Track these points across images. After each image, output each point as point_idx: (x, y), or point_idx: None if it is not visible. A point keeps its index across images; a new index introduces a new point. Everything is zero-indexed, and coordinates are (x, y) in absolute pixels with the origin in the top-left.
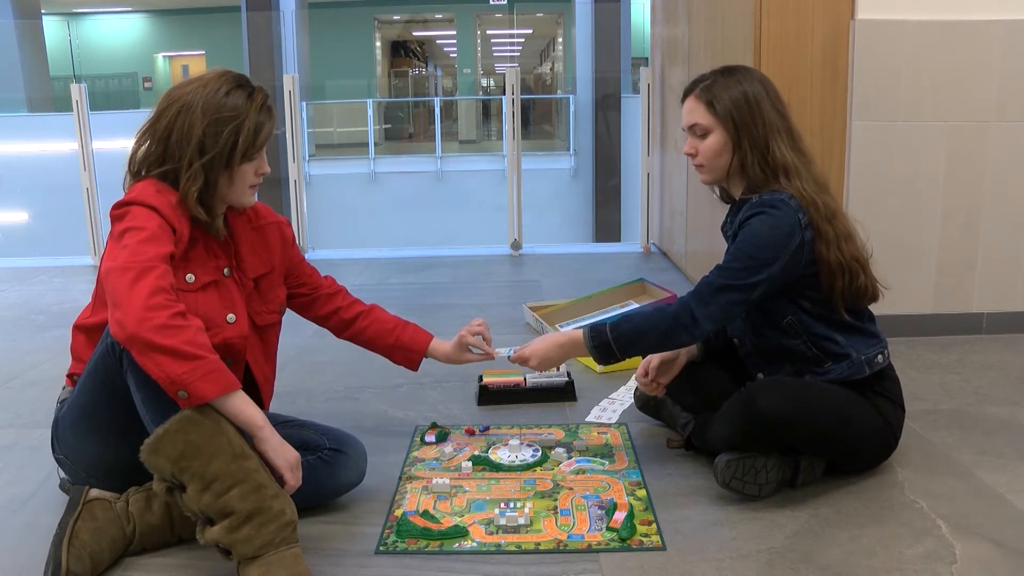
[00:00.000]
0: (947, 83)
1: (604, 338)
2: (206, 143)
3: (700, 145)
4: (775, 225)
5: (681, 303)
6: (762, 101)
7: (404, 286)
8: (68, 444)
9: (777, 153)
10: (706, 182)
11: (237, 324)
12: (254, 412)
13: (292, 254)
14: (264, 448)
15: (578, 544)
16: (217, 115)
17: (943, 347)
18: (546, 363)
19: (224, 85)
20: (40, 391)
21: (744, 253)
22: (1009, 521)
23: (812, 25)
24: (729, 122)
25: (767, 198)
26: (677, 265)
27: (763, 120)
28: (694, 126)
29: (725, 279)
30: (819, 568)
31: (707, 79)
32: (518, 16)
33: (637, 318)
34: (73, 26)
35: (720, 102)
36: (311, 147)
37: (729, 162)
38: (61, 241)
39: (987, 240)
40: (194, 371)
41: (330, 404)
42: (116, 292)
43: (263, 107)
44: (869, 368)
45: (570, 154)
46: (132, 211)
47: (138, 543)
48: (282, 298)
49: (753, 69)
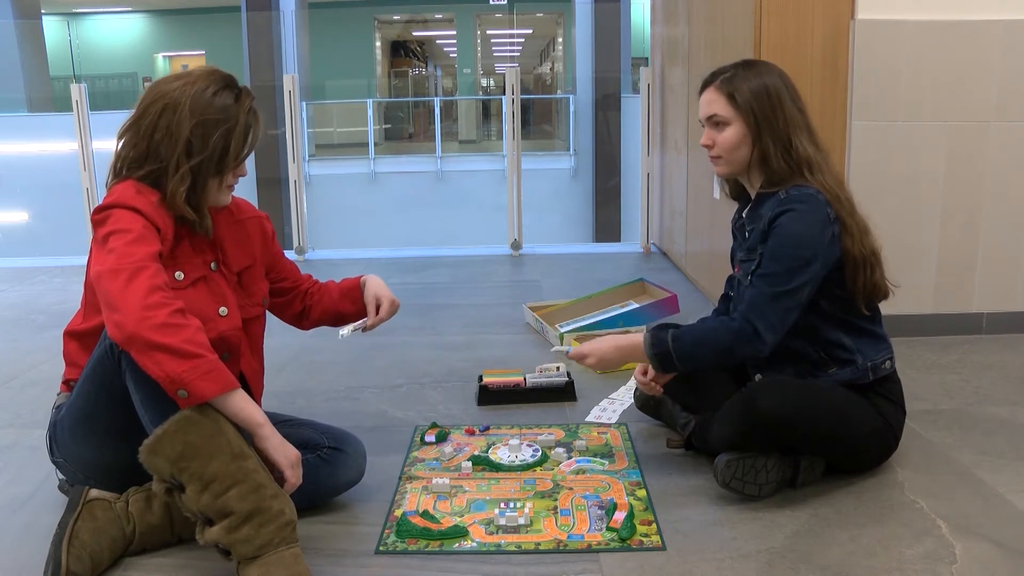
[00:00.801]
0: (947, 83)
1: (665, 347)
2: (194, 145)
3: (717, 137)
4: (809, 222)
5: (742, 318)
6: (783, 95)
7: (404, 286)
8: (67, 447)
9: (800, 148)
10: (722, 175)
11: (230, 316)
12: (254, 410)
13: (273, 249)
14: (264, 446)
15: (578, 544)
16: (204, 116)
17: (943, 347)
18: (604, 363)
19: (212, 85)
20: (40, 391)
21: (784, 255)
22: (1009, 521)
23: (812, 25)
24: (749, 115)
25: (795, 193)
26: (677, 265)
27: (784, 114)
28: (713, 117)
29: (773, 287)
30: (819, 568)
31: (728, 71)
32: (518, 16)
33: (699, 330)
34: (73, 26)
35: (741, 94)
36: (311, 147)
37: (749, 155)
38: (61, 241)
39: (987, 240)
40: (194, 370)
41: (330, 404)
42: (110, 295)
43: (251, 110)
44: (873, 375)
45: (570, 154)
46: (114, 214)
47: (138, 543)
48: (264, 291)
49: (773, 64)
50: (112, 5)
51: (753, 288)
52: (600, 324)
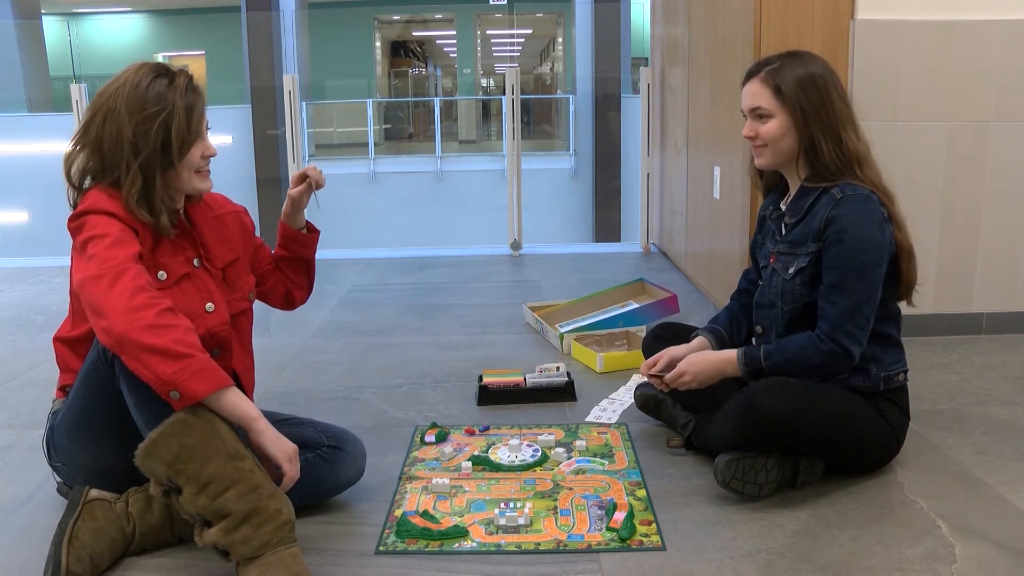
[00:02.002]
0: (947, 83)
1: (758, 365)
2: (139, 143)
3: (760, 128)
4: (871, 225)
5: (829, 339)
6: (830, 88)
7: (404, 286)
8: (64, 451)
9: (849, 143)
10: (763, 165)
11: (217, 312)
12: (247, 406)
13: (254, 241)
14: (260, 440)
15: (578, 544)
16: (143, 112)
17: (943, 347)
18: (702, 380)
19: (143, 78)
20: (40, 391)
21: (853, 264)
22: (1009, 521)
23: (812, 25)
24: (796, 107)
25: (851, 193)
26: (677, 265)
27: (832, 107)
28: (756, 109)
29: (851, 299)
30: (819, 568)
31: (773, 62)
32: (518, 16)
33: (790, 349)
34: (73, 26)
35: (787, 86)
36: (311, 147)
37: (794, 146)
38: (61, 241)
39: (987, 240)
40: (184, 370)
41: (330, 404)
42: (95, 301)
43: (188, 88)
44: (884, 385)
45: (570, 154)
46: (89, 220)
47: (138, 543)
48: (251, 285)
49: (817, 55)
50: (112, 5)
51: (831, 305)
52: (600, 324)
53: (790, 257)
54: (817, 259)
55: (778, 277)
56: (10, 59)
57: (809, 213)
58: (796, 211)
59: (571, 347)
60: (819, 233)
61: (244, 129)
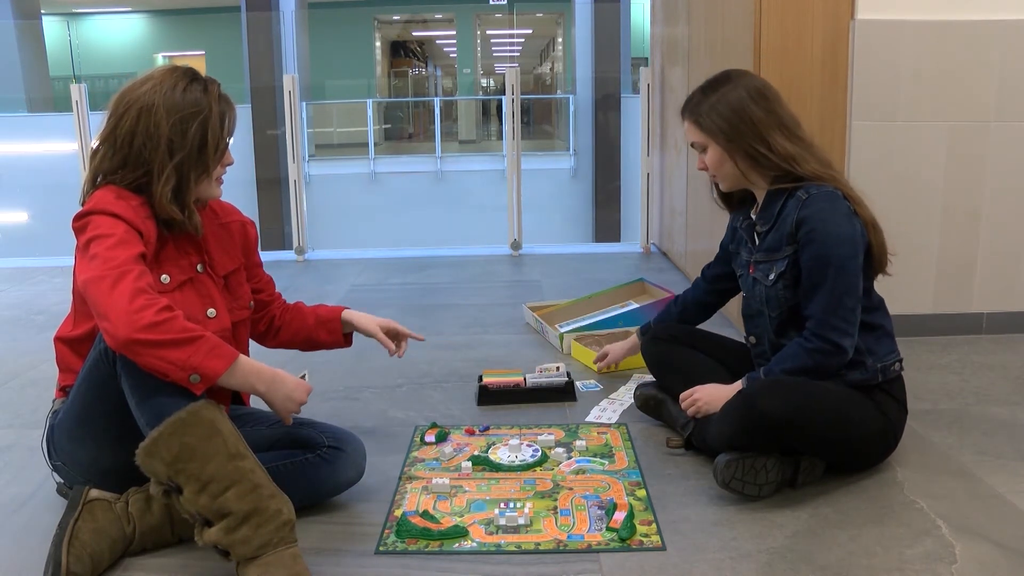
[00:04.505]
0: (947, 83)
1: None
2: (175, 143)
3: (705, 160)
4: (839, 220)
5: (816, 337)
6: (746, 106)
7: (404, 286)
8: (65, 451)
9: (778, 146)
10: (726, 189)
11: (219, 318)
12: (262, 366)
13: (254, 258)
14: (279, 387)
15: (578, 544)
16: (180, 113)
17: (943, 347)
18: (713, 405)
19: (179, 82)
20: (40, 391)
21: (828, 259)
22: (1009, 521)
23: (812, 25)
24: (719, 135)
25: (815, 193)
26: (677, 265)
27: (751, 120)
28: (693, 145)
29: (831, 294)
30: (819, 568)
31: (693, 98)
32: (518, 16)
33: (786, 361)
34: (73, 26)
35: (705, 119)
36: (311, 147)
37: (735, 168)
38: (61, 241)
39: (987, 240)
40: (197, 351)
41: (330, 404)
42: (97, 302)
43: (221, 96)
44: (883, 376)
45: (570, 154)
46: (93, 220)
47: (138, 543)
48: (250, 295)
49: (734, 74)
50: (112, 5)
51: (814, 303)
52: (600, 324)
53: (768, 264)
54: (795, 262)
55: (760, 286)
56: (10, 59)
57: (779, 218)
58: (767, 219)
59: (571, 347)
60: (792, 236)
61: (244, 129)
